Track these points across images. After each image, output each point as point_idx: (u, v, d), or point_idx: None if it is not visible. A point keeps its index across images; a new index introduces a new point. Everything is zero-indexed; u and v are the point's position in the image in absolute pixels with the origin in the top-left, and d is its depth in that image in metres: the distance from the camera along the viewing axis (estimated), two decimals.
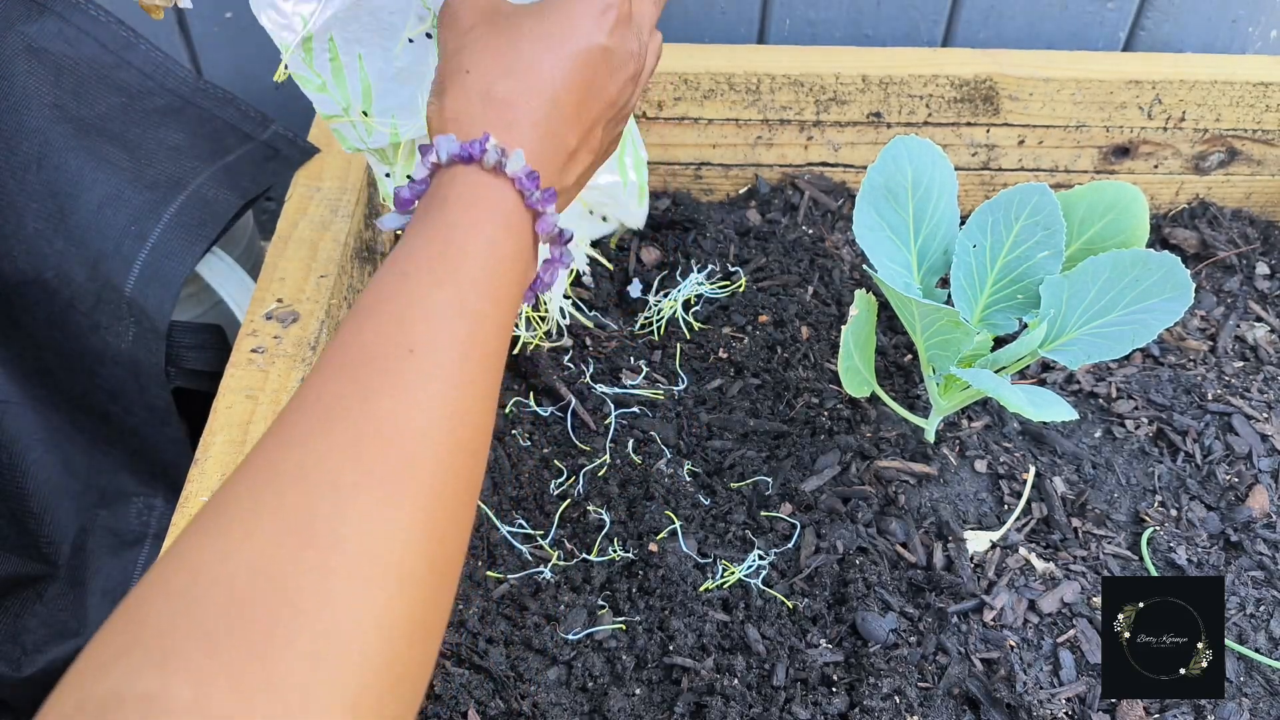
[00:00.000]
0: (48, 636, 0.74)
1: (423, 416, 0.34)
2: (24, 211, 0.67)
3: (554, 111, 0.44)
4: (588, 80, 0.45)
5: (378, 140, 0.60)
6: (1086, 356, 0.62)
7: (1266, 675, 0.60)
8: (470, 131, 0.42)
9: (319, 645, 0.29)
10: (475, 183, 0.41)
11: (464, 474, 0.36)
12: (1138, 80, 0.84)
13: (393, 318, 0.37)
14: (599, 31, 0.46)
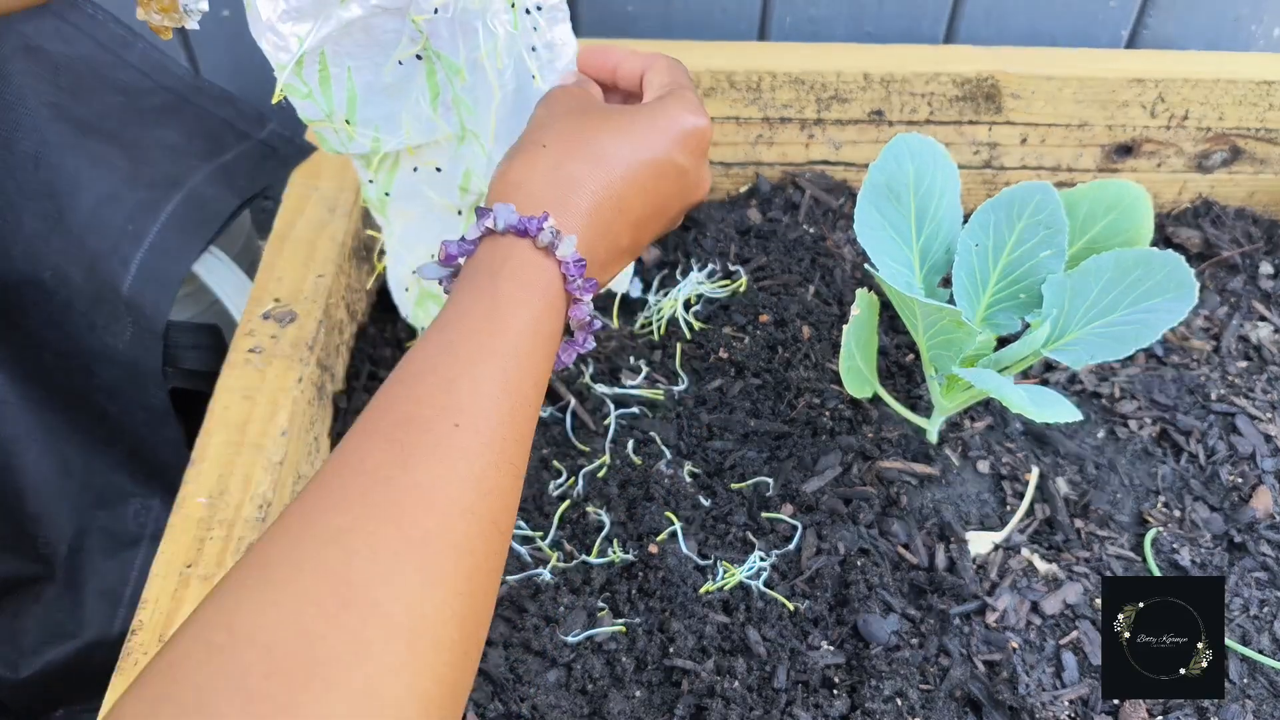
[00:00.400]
0: (45, 638, 0.74)
1: (463, 490, 0.35)
2: (21, 211, 0.66)
3: (615, 207, 0.44)
4: (656, 189, 0.46)
5: (358, 148, 0.60)
6: (1089, 356, 0.62)
7: (1270, 676, 0.60)
8: (529, 204, 0.43)
9: (355, 707, 0.29)
10: (526, 260, 0.42)
11: (494, 548, 0.36)
12: (1141, 78, 0.83)
13: (439, 387, 0.37)
14: (680, 149, 0.46)
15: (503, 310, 0.40)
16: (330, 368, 0.69)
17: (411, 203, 0.64)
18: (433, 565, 0.33)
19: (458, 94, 0.57)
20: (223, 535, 0.53)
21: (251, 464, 0.57)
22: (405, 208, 0.64)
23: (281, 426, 0.59)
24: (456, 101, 0.58)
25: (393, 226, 0.66)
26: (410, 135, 0.59)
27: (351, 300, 0.74)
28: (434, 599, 0.32)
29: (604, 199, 0.43)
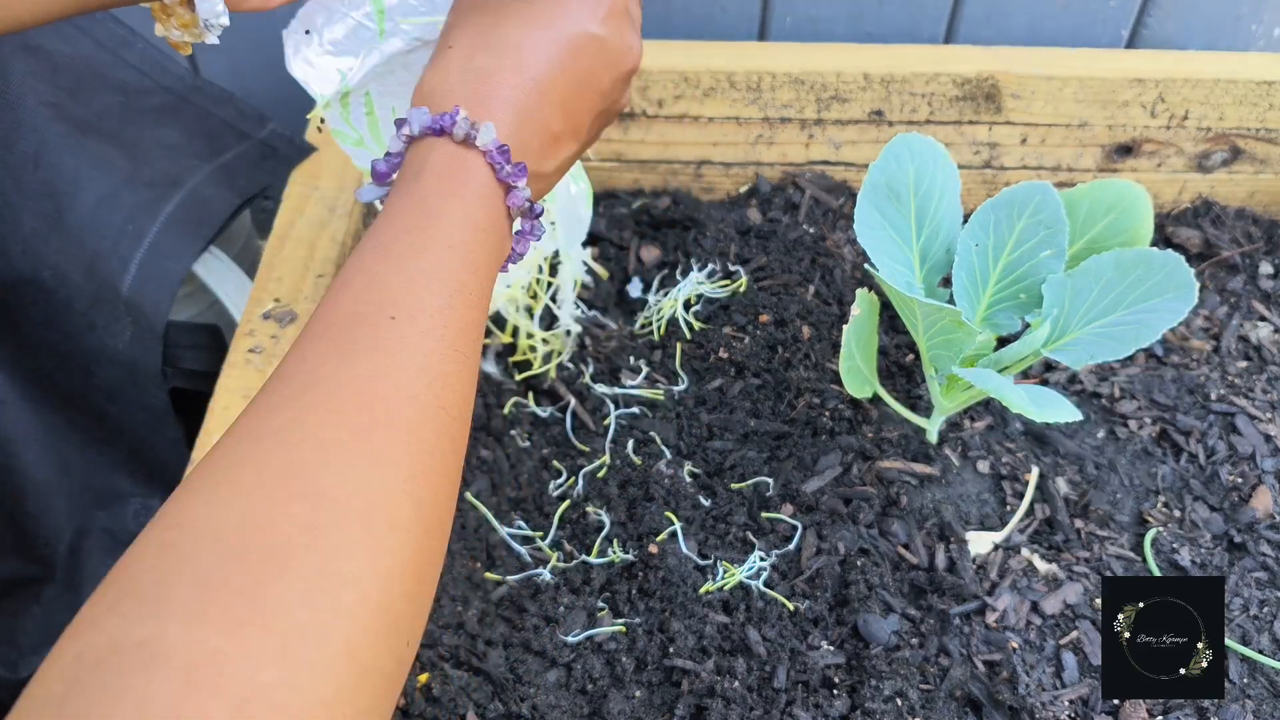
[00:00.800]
0: (44, 638, 0.74)
1: (403, 377, 0.35)
2: (21, 210, 0.66)
3: (535, 92, 0.44)
4: (577, 66, 0.45)
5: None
6: (1089, 356, 0.62)
7: (1270, 677, 0.60)
8: (444, 105, 0.42)
9: (312, 589, 0.29)
10: (447, 154, 0.41)
11: (447, 435, 0.36)
12: (1141, 78, 0.83)
13: (372, 285, 0.37)
14: (591, 19, 0.45)
15: (430, 206, 0.40)
16: None
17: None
18: (380, 451, 0.33)
19: None
20: None
21: None
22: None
23: None
24: None
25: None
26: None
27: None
28: (384, 482, 0.33)
29: (519, 84, 0.43)
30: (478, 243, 0.41)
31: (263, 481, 0.31)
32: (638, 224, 0.86)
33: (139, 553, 0.30)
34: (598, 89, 0.46)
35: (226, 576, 0.28)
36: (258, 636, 0.28)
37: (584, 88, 0.45)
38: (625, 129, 0.86)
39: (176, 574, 0.29)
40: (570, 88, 0.45)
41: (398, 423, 0.34)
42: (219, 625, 0.27)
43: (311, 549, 0.30)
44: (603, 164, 0.89)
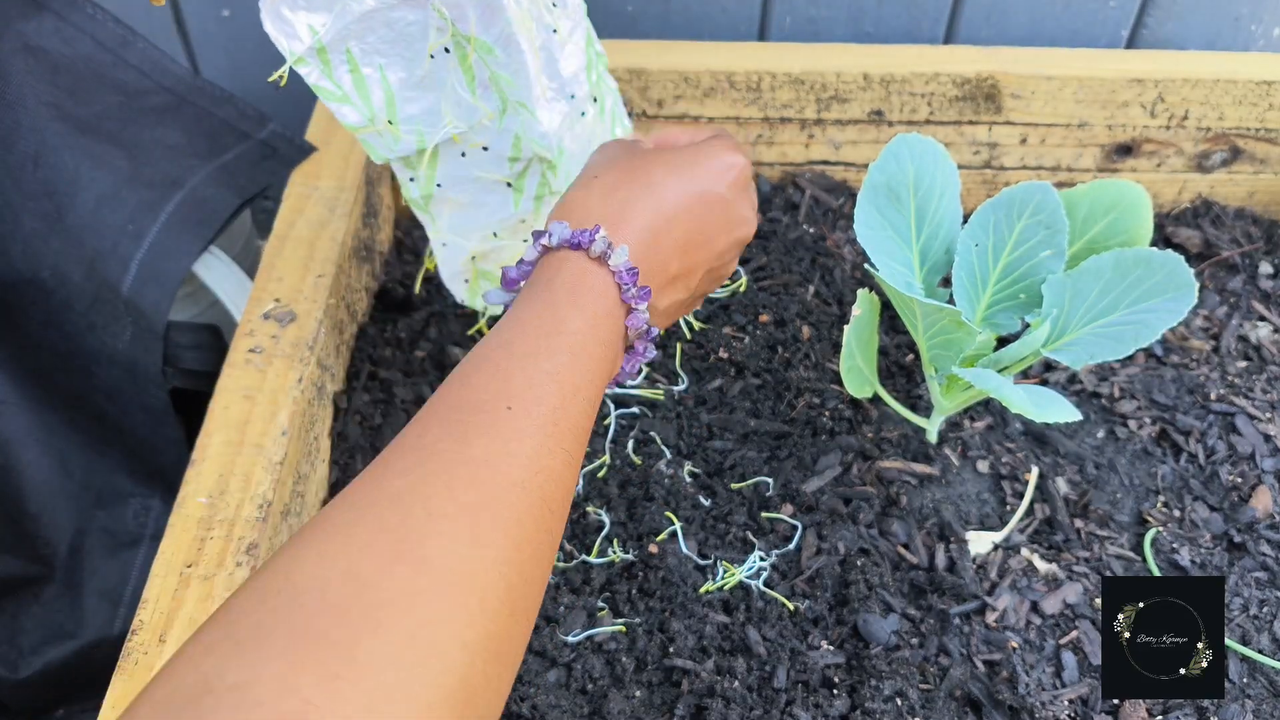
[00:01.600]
0: (45, 638, 0.74)
1: (513, 465, 0.38)
2: (21, 210, 0.66)
3: (663, 231, 0.47)
4: (701, 220, 0.49)
5: (405, 148, 0.60)
6: (1089, 356, 0.62)
7: (1270, 676, 0.60)
8: (584, 223, 0.46)
9: (403, 651, 0.30)
10: (580, 268, 0.45)
11: (545, 527, 0.38)
12: (1140, 78, 0.84)
13: (495, 377, 0.41)
14: (720, 182, 0.50)
15: (559, 313, 0.43)
16: (330, 368, 0.69)
17: (459, 189, 0.64)
18: (483, 530, 0.35)
19: (495, 72, 0.57)
20: (223, 535, 0.53)
21: (252, 464, 0.57)
22: (452, 195, 0.64)
23: (282, 426, 0.59)
24: (494, 79, 0.58)
25: (439, 220, 0.66)
26: (453, 124, 0.59)
27: (352, 300, 0.74)
28: (483, 560, 0.34)
29: (652, 219, 0.46)
30: (596, 354, 0.43)
31: (371, 542, 0.33)
32: None
33: (242, 597, 0.31)
34: (714, 246, 0.50)
35: (326, 629, 0.30)
36: (348, 690, 0.28)
37: (703, 240, 0.49)
38: None
39: (276, 622, 0.30)
40: (692, 236, 0.48)
41: (502, 507, 0.36)
42: (312, 676, 0.28)
43: (408, 612, 0.31)
44: None
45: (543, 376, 0.41)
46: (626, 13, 0.90)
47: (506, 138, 0.61)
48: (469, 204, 0.65)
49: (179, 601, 0.51)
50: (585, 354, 0.42)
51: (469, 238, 0.67)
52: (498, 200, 0.65)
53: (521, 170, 0.63)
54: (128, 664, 0.48)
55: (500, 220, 0.66)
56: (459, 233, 0.67)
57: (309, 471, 0.63)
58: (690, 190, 0.48)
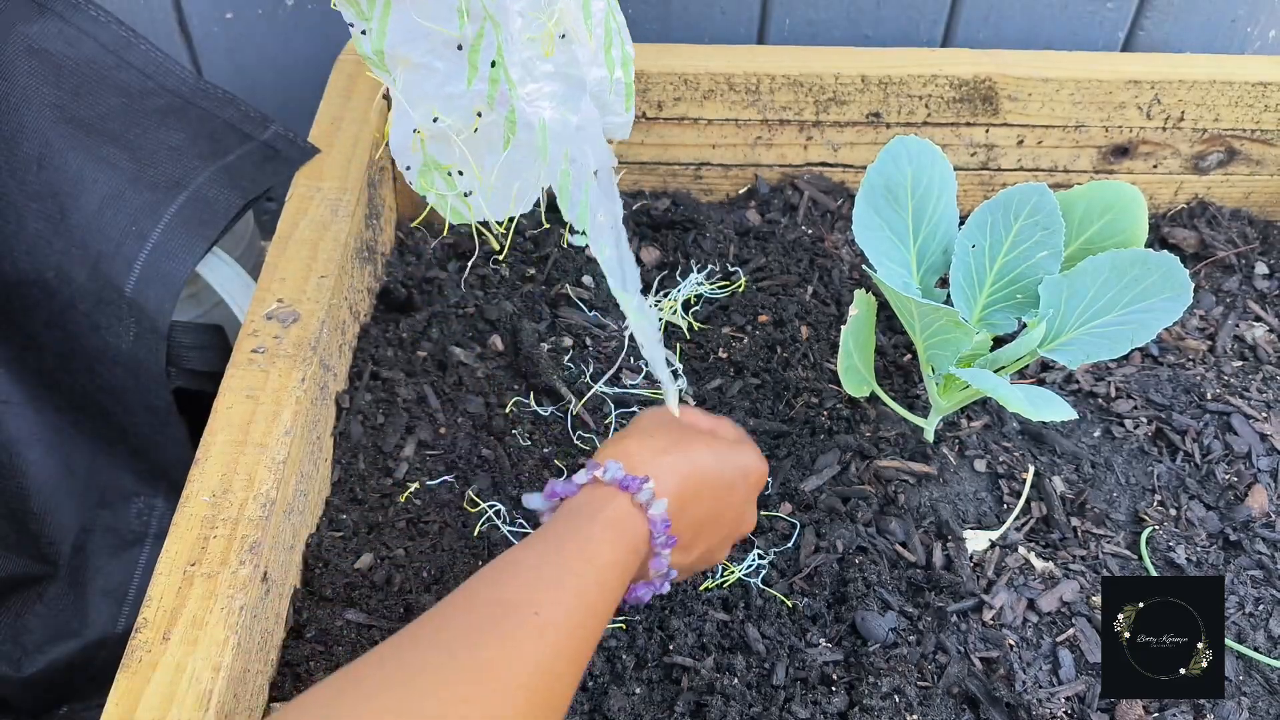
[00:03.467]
0: (48, 636, 0.74)
1: (524, 668, 0.41)
2: (24, 212, 0.67)
3: (693, 502, 0.53)
4: (723, 504, 0.55)
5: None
6: (1085, 356, 0.62)
7: (1265, 674, 0.60)
8: (637, 470, 0.52)
9: None
10: (624, 510, 0.50)
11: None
12: (1137, 80, 0.84)
13: (526, 584, 0.45)
14: (743, 480, 0.57)
15: (595, 546, 0.48)
16: (333, 367, 0.69)
17: (409, 44, 0.58)
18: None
19: None
20: (226, 534, 0.54)
21: (255, 463, 0.57)
22: (403, 52, 0.58)
23: (285, 426, 0.59)
24: None
25: (398, 80, 0.60)
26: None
27: (354, 300, 0.74)
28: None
29: (686, 487, 0.53)
30: (616, 585, 0.48)
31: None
32: (637, 225, 0.86)
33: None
34: (723, 527, 0.56)
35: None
36: None
37: (716, 518, 0.55)
38: None
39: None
40: (708, 512, 0.55)
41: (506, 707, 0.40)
42: None
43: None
44: None
45: (569, 595, 0.45)
46: (626, 15, 0.91)
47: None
48: (419, 65, 0.59)
49: (182, 600, 0.51)
50: (608, 585, 0.47)
51: (415, 106, 0.61)
52: (448, 68, 0.59)
53: (475, 34, 0.57)
54: (131, 662, 0.49)
55: (449, 96, 0.60)
56: (410, 100, 0.60)
57: (312, 471, 0.64)
58: (724, 478, 0.55)
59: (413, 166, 0.63)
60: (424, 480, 0.67)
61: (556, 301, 0.79)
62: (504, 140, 0.63)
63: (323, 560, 0.62)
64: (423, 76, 0.59)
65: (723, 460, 0.56)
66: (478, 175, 0.64)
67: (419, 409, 0.71)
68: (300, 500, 0.61)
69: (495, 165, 0.63)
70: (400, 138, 0.62)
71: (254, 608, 0.53)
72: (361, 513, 0.66)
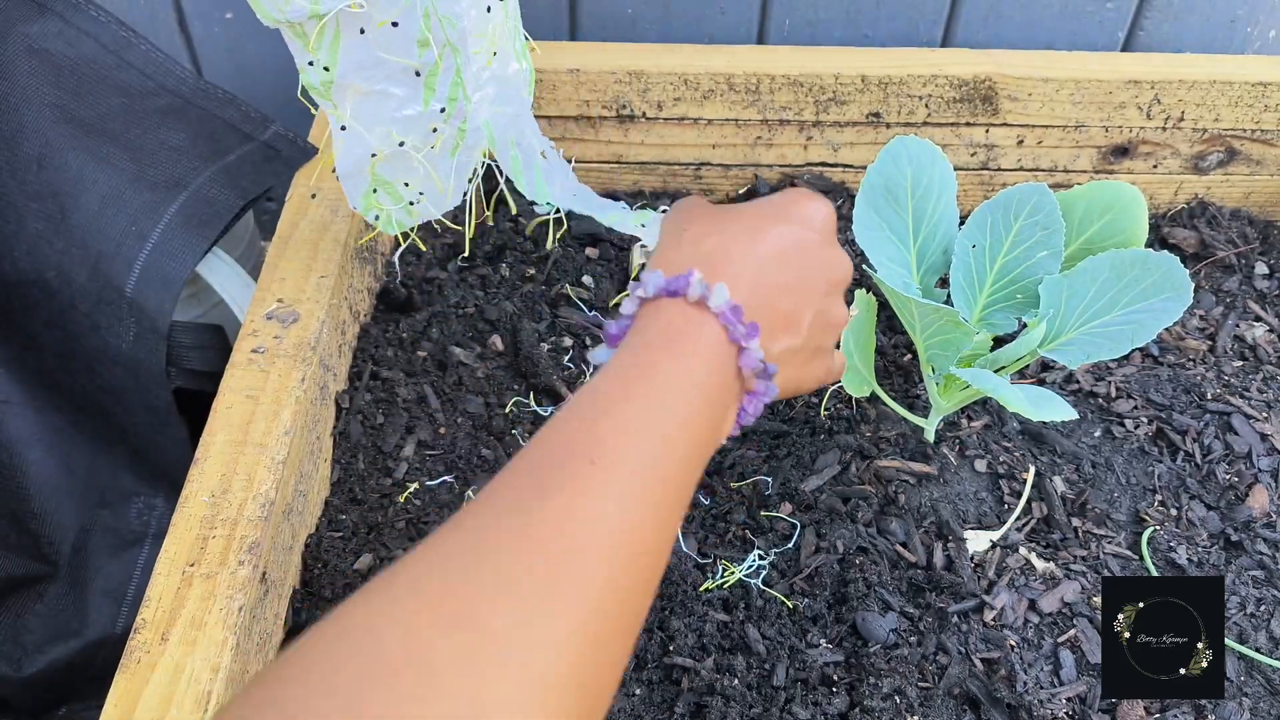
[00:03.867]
0: (48, 636, 0.74)
1: (594, 525, 0.35)
2: (25, 212, 0.67)
3: (764, 271, 0.45)
4: (799, 260, 0.47)
5: (295, 10, 0.52)
6: (1086, 356, 0.62)
7: (1267, 675, 0.60)
8: (678, 270, 0.44)
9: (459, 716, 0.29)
10: (678, 314, 0.42)
11: (630, 592, 0.35)
12: (1137, 80, 0.84)
13: (580, 429, 0.38)
14: (810, 224, 0.48)
15: (654, 362, 0.41)
16: (333, 367, 0.69)
17: (362, 74, 0.58)
18: (554, 601, 0.33)
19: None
20: (226, 534, 0.54)
21: (255, 463, 0.57)
22: (356, 82, 0.58)
23: (285, 426, 0.59)
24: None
25: (343, 107, 0.60)
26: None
27: (354, 300, 0.74)
28: (550, 634, 0.32)
29: (751, 259, 0.45)
30: (695, 403, 0.40)
31: (434, 602, 0.32)
32: None
33: (296, 651, 0.30)
34: (815, 287, 0.48)
35: (375, 692, 0.29)
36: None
37: (804, 281, 0.47)
38: (625, 131, 0.86)
39: (326, 681, 0.29)
40: (793, 275, 0.46)
41: (579, 571, 0.34)
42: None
43: (462, 681, 0.30)
44: (603, 165, 0.89)
45: (632, 426, 0.38)
46: (626, 15, 0.91)
47: (415, 15, 0.55)
48: (374, 92, 0.58)
49: (182, 600, 0.51)
50: (682, 403, 0.40)
51: (372, 130, 0.60)
52: (405, 93, 0.59)
53: (433, 61, 0.57)
54: (130, 662, 0.48)
55: (406, 118, 0.60)
56: (363, 122, 0.60)
57: (311, 471, 0.64)
58: (783, 232, 0.47)
59: (356, 191, 0.65)
60: (424, 480, 0.67)
61: (556, 301, 0.79)
62: (454, 147, 0.65)
63: (322, 561, 0.62)
64: (376, 102, 0.60)
65: (780, 214, 0.47)
66: (438, 183, 0.66)
67: (419, 409, 0.71)
68: (299, 500, 0.61)
69: (450, 169, 0.65)
70: (351, 163, 0.63)
71: (253, 608, 0.52)
72: (361, 513, 0.65)
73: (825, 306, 0.49)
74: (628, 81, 0.83)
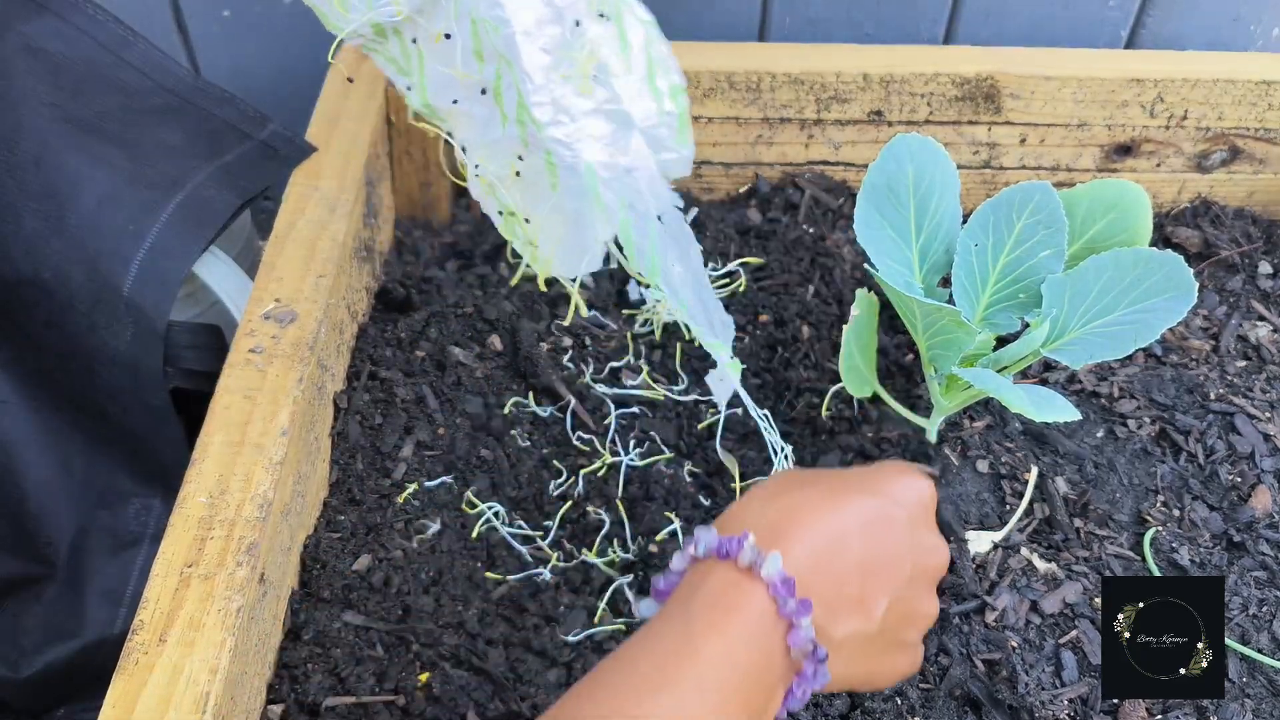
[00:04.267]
0: (46, 637, 0.74)
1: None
2: (22, 211, 0.67)
3: (836, 544, 0.41)
4: (882, 539, 0.42)
5: (356, 21, 0.49)
6: (1088, 356, 0.62)
7: (1269, 676, 0.60)
8: (734, 531, 0.41)
9: None
10: (726, 580, 0.39)
11: None
12: (1140, 78, 0.84)
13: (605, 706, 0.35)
14: (903, 502, 0.44)
15: (691, 632, 0.38)
16: (331, 368, 0.69)
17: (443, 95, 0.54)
18: None
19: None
20: (224, 535, 0.54)
21: (252, 463, 0.57)
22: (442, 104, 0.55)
23: (282, 426, 0.59)
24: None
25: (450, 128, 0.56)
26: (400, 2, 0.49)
27: (352, 300, 0.74)
28: None
29: (823, 528, 0.41)
30: (734, 685, 0.37)
31: None
32: None
33: None
34: (898, 571, 0.43)
35: None
36: None
37: (884, 562, 0.42)
38: None
39: None
40: (870, 554, 0.42)
41: None
42: None
43: None
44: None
45: (662, 713, 0.35)
46: None
47: (463, 22, 0.50)
48: (458, 112, 0.55)
49: (179, 601, 0.51)
50: (721, 684, 0.36)
51: (470, 155, 0.56)
52: (485, 114, 0.54)
53: (494, 76, 0.52)
54: (128, 664, 0.48)
55: (492, 143, 0.55)
56: (470, 147, 0.56)
57: (309, 471, 0.63)
58: (869, 505, 0.42)
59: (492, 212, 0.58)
60: (422, 481, 0.67)
61: (556, 301, 0.79)
62: (550, 182, 0.56)
63: (320, 561, 0.62)
64: (465, 124, 0.55)
65: (867, 485, 0.43)
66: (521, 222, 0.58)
67: (417, 409, 0.71)
68: (298, 501, 0.61)
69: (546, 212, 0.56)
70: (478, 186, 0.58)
71: (251, 609, 0.52)
72: (359, 514, 0.65)
73: (909, 595, 0.43)
74: None
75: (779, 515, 0.41)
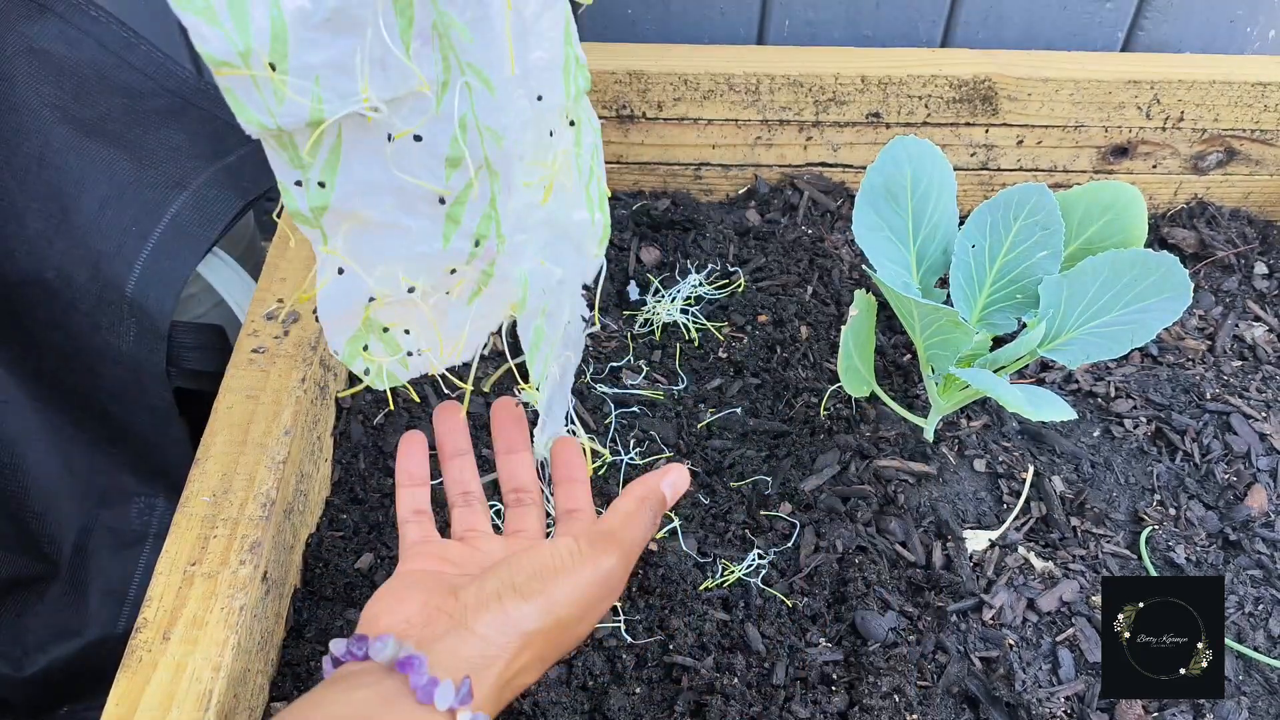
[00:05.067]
0: (49, 636, 0.74)
1: None
2: (25, 212, 0.67)
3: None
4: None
5: (291, 115, 0.39)
6: (1085, 356, 0.62)
7: (1265, 674, 0.60)
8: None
9: None
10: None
11: None
12: (1136, 80, 0.84)
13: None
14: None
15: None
16: (333, 367, 0.69)
17: (369, 199, 0.45)
18: None
19: (444, 12, 0.41)
20: (226, 534, 0.54)
21: (255, 463, 0.57)
22: (359, 209, 0.45)
23: (285, 426, 0.59)
24: (441, 25, 0.41)
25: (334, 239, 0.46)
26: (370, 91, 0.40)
27: None
28: None
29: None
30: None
31: None
32: (637, 225, 0.86)
33: None
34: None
35: None
36: None
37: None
38: (625, 131, 0.86)
39: None
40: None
41: None
42: None
43: None
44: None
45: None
46: (626, 16, 0.91)
47: (447, 126, 0.43)
48: (381, 224, 0.46)
49: (183, 600, 0.51)
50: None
51: (371, 271, 0.47)
52: (423, 227, 0.47)
53: (463, 186, 0.46)
54: (132, 661, 0.49)
55: (420, 256, 0.47)
56: (361, 260, 0.47)
57: (312, 470, 0.64)
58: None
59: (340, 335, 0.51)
60: None
61: None
62: (473, 294, 0.52)
63: (323, 560, 0.62)
64: (384, 236, 0.47)
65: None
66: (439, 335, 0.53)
67: (419, 409, 0.71)
68: (300, 500, 0.61)
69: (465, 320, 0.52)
70: (339, 307, 0.49)
71: (254, 608, 0.53)
72: (362, 513, 0.66)
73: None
74: (627, 82, 0.83)
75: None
